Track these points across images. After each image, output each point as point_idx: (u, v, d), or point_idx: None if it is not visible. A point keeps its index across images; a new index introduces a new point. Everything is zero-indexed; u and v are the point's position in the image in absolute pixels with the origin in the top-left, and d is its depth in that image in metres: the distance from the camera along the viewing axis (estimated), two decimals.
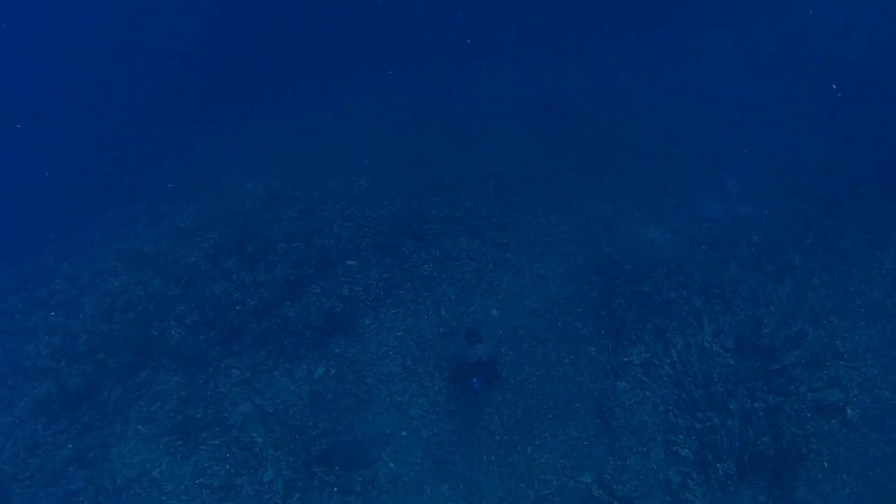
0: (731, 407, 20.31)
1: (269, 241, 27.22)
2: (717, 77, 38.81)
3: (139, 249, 28.10)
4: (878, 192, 27.73)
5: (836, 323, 22.44)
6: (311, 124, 38.42)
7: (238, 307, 24.68)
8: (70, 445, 21.72)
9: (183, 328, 24.50)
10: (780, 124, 33.39)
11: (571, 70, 42.26)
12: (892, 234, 25.80)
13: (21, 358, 24.52)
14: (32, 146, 43.75)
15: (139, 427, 21.82)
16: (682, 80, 39.61)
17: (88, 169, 39.04)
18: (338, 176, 31.35)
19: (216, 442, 21.20)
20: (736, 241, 26.29)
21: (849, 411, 20.14)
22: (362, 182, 30.46)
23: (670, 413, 20.78)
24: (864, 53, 37.82)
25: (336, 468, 20.44)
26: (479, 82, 41.81)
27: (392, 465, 20.56)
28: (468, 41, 44.22)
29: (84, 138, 43.23)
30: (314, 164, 32.68)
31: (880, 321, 22.54)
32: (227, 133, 39.14)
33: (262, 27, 50.92)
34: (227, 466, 20.57)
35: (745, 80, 38.16)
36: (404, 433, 21.24)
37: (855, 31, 40.08)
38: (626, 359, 22.20)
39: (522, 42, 46.00)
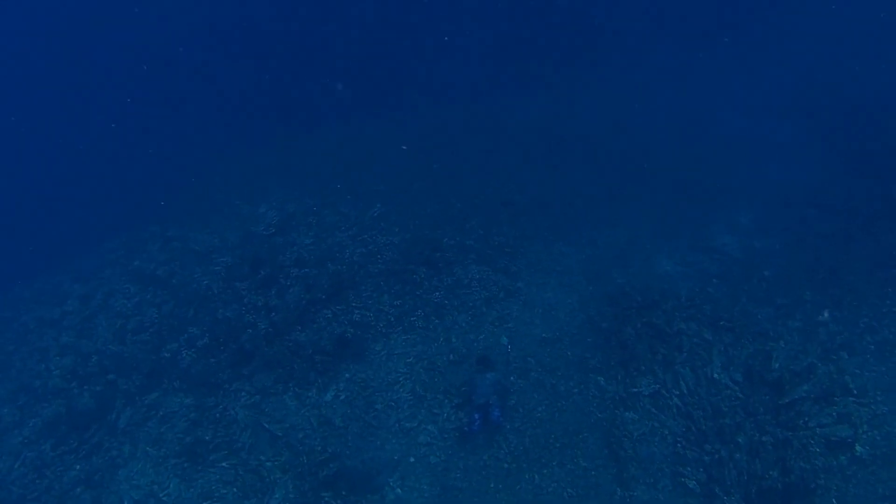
0: (740, 440, 20.22)
1: (281, 266, 27.40)
2: (732, 112, 38.92)
3: (153, 272, 28.29)
4: (890, 229, 27.63)
5: (846, 359, 22.32)
6: (325, 150, 38.62)
7: (249, 330, 24.82)
8: (78, 466, 21.83)
9: (194, 350, 24.63)
10: (794, 159, 33.40)
11: (587, 101, 42.41)
12: None
13: (32, 377, 24.66)
14: (48, 168, 44.06)
15: (148, 448, 21.91)
16: (697, 115, 39.73)
17: (103, 191, 39.34)
18: (351, 202, 31.56)
19: (224, 464, 21.27)
20: (747, 275, 26.26)
21: (858, 448, 19.94)
22: (375, 208, 30.63)
23: (678, 444, 20.69)
24: (879, 90, 37.82)
25: (343, 493, 20.45)
26: (494, 112, 41.98)
27: (399, 490, 20.54)
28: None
29: (99, 161, 43.50)
30: (328, 189, 32.89)
31: (891, 358, 22.44)
32: (242, 157, 39.42)
33: (275, 54, 51.24)
34: (235, 489, 20.62)
35: (760, 115, 38.26)
36: (412, 459, 21.23)
37: (870, 67, 40.10)
38: (635, 389, 22.16)
39: (539, 73, 46.17)
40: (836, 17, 45.22)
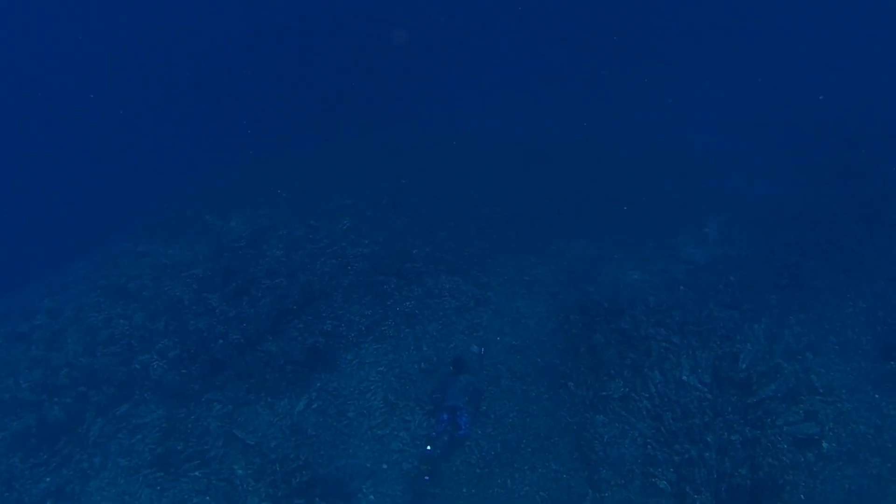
0: (709, 439, 20.44)
1: (252, 277, 27.46)
2: (696, 127, 39.53)
3: (123, 285, 28.25)
4: (852, 236, 28.21)
5: (812, 359, 22.67)
6: (294, 166, 38.80)
7: (221, 341, 24.87)
8: (48, 479, 21.72)
9: (165, 362, 24.63)
10: (757, 173, 33.98)
11: (555, 118, 42.88)
12: (865, 275, 26.18)
13: (1, 391, 24.44)
14: (15, 186, 43.84)
15: (119, 460, 21.85)
16: (662, 130, 40.31)
17: (73, 208, 39.24)
18: (320, 215, 31.71)
19: (197, 474, 21.25)
20: (713, 282, 26.60)
21: (824, 444, 20.25)
22: (344, 222, 30.79)
23: (649, 446, 20.89)
24: (839, 104, 38.59)
25: (317, 500, 20.52)
26: (462, 128, 42.35)
27: (372, 497, 20.60)
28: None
29: (68, 178, 43.41)
30: (297, 203, 33.02)
31: (854, 357, 22.82)
32: (212, 174, 39.48)
33: (245, 70, 51.43)
34: (208, 498, 20.62)
35: (723, 131, 38.89)
36: (385, 466, 21.29)
37: (830, 82, 40.92)
38: (604, 393, 22.36)
39: (506, 90, 46.64)
40: (793, 35, 46.10)
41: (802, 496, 19.12)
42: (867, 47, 43.59)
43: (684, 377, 22.20)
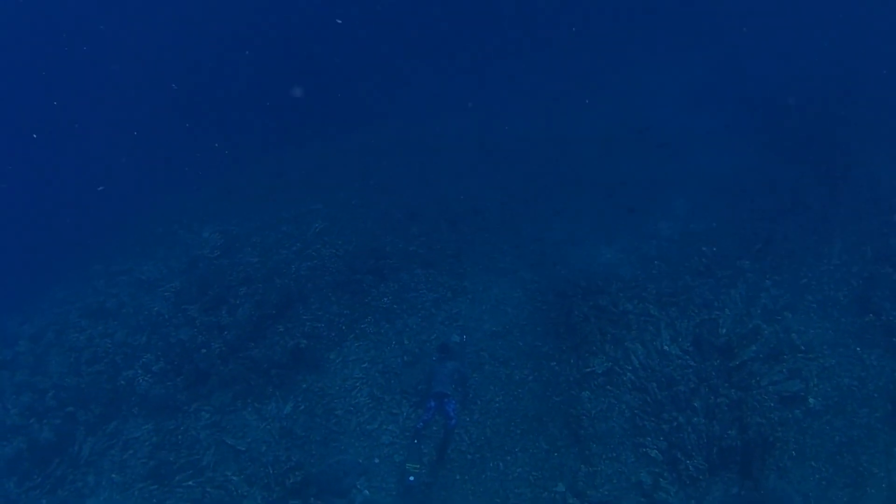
0: (696, 405, 20.66)
1: (229, 285, 27.45)
2: (658, 108, 39.74)
3: (101, 304, 28.19)
4: (818, 198, 28.48)
5: (791, 318, 22.91)
6: (261, 174, 38.81)
7: (203, 351, 24.88)
8: (44, 501, 21.71)
9: (150, 376, 24.65)
10: (722, 147, 34.23)
11: (517, 111, 42.98)
12: (835, 233, 26.45)
13: None
14: None
15: (113, 476, 21.87)
16: (626, 111, 40.53)
17: (40, 235, 39.02)
18: (291, 221, 31.73)
19: (191, 483, 21.31)
20: (686, 254, 26.81)
21: (810, 400, 20.51)
22: (316, 225, 30.82)
23: (636, 417, 21.09)
24: (798, 78, 38.96)
25: (312, 499, 20.60)
26: (426, 127, 42.41)
27: (367, 492, 20.69)
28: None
29: (33, 205, 43.17)
30: (267, 211, 33.02)
31: (833, 313, 23.08)
32: (179, 188, 39.35)
33: (209, 83, 51.31)
34: None
35: (688, 108, 39.13)
36: (377, 460, 21.38)
37: (790, 56, 41.32)
38: (588, 369, 22.52)
39: (466, 86, 46.79)
40: (752, 11, 46.49)
41: (794, 452, 19.38)
42: (826, 21, 43.99)
43: (666, 347, 22.40)
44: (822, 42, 41.10)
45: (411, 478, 20.42)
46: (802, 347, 21.77)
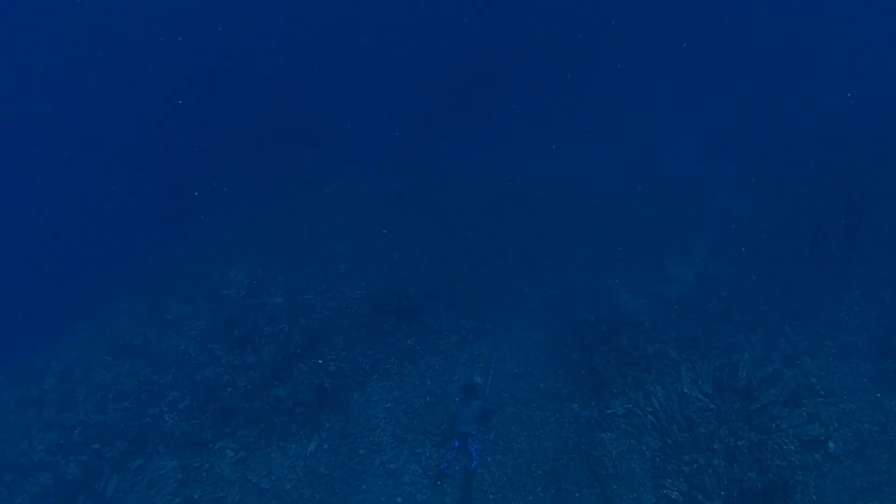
0: (716, 447, 20.74)
1: (254, 325, 27.71)
2: (675, 153, 39.95)
3: (128, 343, 28.42)
4: (837, 243, 28.58)
5: (810, 363, 23.02)
6: (285, 214, 39.04)
7: (229, 389, 25.12)
8: None
9: (176, 413, 24.87)
10: (740, 192, 34.36)
11: (536, 156, 43.08)
12: (854, 279, 26.57)
13: (17, 455, 24.63)
14: (10, 254, 43.64)
15: None
16: (643, 158, 40.69)
17: (67, 275, 39.22)
18: (316, 262, 32.01)
19: None
20: (705, 298, 27.00)
21: (831, 445, 20.56)
22: (341, 266, 31.14)
23: (657, 458, 21.19)
24: (819, 121, 39.10)
25: None
26: (448, 171, 42.57)
27: None
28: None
29: (60, 245, 43.36)
30: (292, 253, 33.27)
31: (852, 359, 23.20)
32: (206, 228, 39.55)
33: (232, 120, 51.49)
34: None
35: (705, 154, 39.28)
36: (399, 499, 21.54)
37: (809, 99, 41.46)
38: (609, 411, 22.69)
39: (485, 131, 47.03)
40: (767, 52, 46.80)
41: (814, 496, 19.40)
42: (841, 61, 44.22)
43: (686, 389, 22.51)
44: (841, 85, 41.21)
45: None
46: (822, 392, 21.85)
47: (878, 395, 21.83)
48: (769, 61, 45.71)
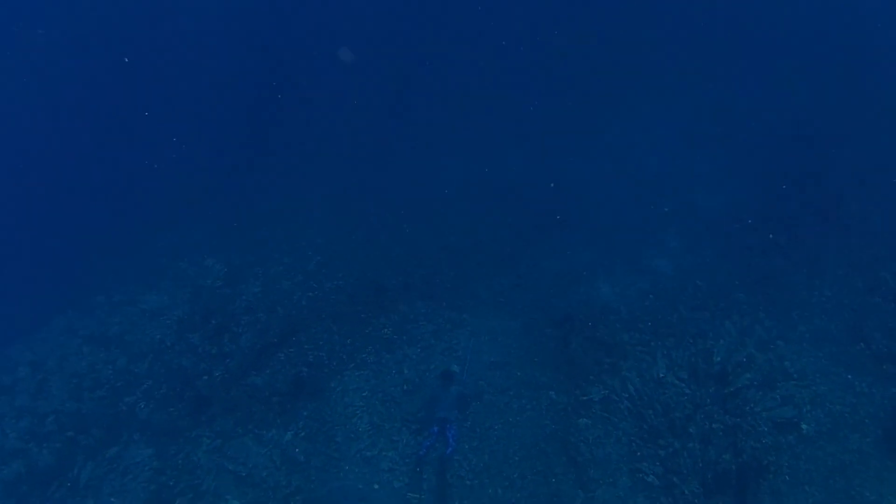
0: (691, 431, 20.89)
1: (232, 314, 27.69)
2: (654, 147, 40.20)
3: (104, 333, 28.27)
4: (810, 233, 28.99)
5: (783, 347, 23.32)
6: (263, 208, 38.99)
7: (205, 378, 25.07)
8: None
9: (152, 402, 24.77)
10: (715, 186, 34.69)
11: (516, 153, 43.23)
12: (827, 267, 26.95)
13: None
14: None
15: (112, 499, 21.87)
16: (621, 151, 40.93)
17: (41, 267, 38.91)
18: (292, 253, 32.05)
19: None
20: (681, 287, 27.27)
21: (803, 426, 20.84)
22: (317, 258, 31.17)
23: (633, 443, 21.32)
24: (788, 116, 39.47)
25: None
26: (428, 168, 42.62)
27: None
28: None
29: (36, 236, 43.00)
30: (269, 244, 33.28)
31: (825, 343, 23.53)
32: (182, 220, 39.38)
33: (211, 116, 51.26)
34: None
35: (680, 149, 39.52)
36: (376, 486, 21.47)
37: (781, 93, 41.83)
38: (585, 398, 22.80)
39: (467, 127, 47.11)
40: (741, 47, 47.15)
41: (787, 476, 19.66)
42: (814, 56, 44.59)
43: (661, 375, 22.72)
44: (813, 79, 41.65)
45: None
46: (795, 375, 22.14)
47: (850, 377, 22.17)
48: (740, 57, 46.04)
